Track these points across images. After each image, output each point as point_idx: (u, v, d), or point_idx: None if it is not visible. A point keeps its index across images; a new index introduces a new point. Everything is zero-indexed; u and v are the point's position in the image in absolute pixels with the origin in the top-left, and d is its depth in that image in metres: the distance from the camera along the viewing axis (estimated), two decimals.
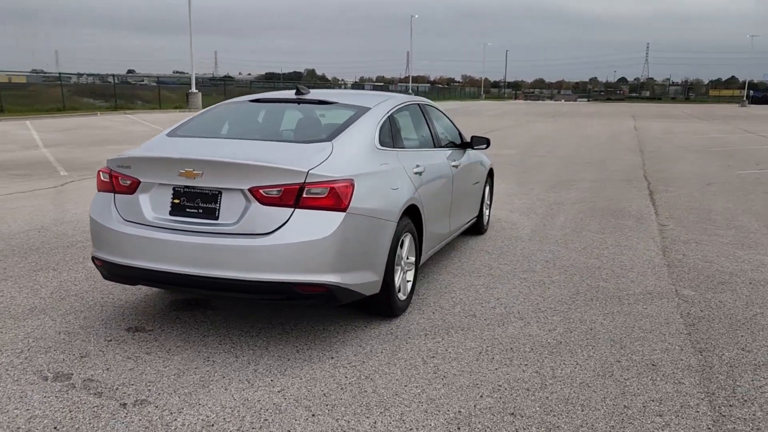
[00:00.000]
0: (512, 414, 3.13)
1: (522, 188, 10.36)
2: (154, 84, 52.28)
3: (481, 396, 3.30)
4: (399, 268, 4.38)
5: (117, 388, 3.31)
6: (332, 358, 3.74)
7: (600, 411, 3.18)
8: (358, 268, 3.82)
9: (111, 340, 3.94)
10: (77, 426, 2.95)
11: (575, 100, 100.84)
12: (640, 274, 5.60)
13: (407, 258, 4.51)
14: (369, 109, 4.57)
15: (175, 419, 3.01)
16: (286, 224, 3.57)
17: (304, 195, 3.59)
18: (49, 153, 14.55)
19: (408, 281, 4.59)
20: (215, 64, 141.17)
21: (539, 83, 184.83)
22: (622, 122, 33.14)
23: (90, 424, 2.97)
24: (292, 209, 3.59)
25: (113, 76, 49.56)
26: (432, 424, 3.01)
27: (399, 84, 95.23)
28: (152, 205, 3.84)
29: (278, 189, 3.58)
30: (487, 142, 6.29)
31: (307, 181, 3.59)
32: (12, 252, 5.93)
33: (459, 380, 3.48)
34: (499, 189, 10.13)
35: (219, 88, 52.52)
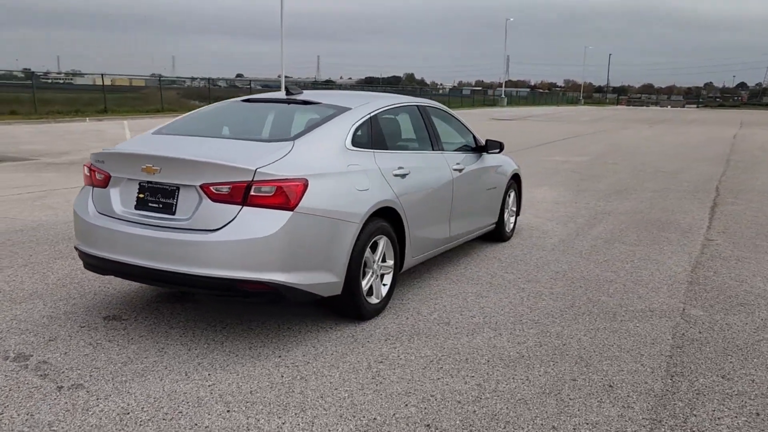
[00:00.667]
0: (427, 426, 3.02)
1: (574, 197, 9.96)
2: (259, 87, 54.45)
3: (406, 405, 3.21)
4: (370, 271, 4.33)
5: (63, 372, 3.48)
6: (279, 356, 3.76)
7: (522, 430, 3.00)
8: (310, 268, 3.81)
9: (84, 326, 4.15)
10: (7, 404, 3.12)
11: (683, 107, 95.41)
12: (653, 290, 5.24)
13: (381, 261, 4.45)
14: (348, 110, 4.55)
15: (97, 405, 3.13)
16: (233, 221, 3.63)
17: (252, 193, 3.63)
18: None
19: (384, 285, 4.53)
20: (317, 69, 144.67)
21: (647, 88, 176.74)
22: (724, 130, 31.08)
23: (20, 402, 3.14)
24: (240, 207, 3.64)
25: (223, 79, 51.85)
26: (339, 430, 2.96)
27: (497, 89, 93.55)
28: (121, 199, 4.01)
29: (227, 186, 3.64)
30: (500, 146, 6.12)
31: (255, 179, 3.63)
32: (46, 240, 6.35)
33: (393, 387, 3.40)
34: (547, 196, 9.80)
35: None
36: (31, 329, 4.09)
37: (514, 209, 7.05)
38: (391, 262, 4.56)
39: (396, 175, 4.58)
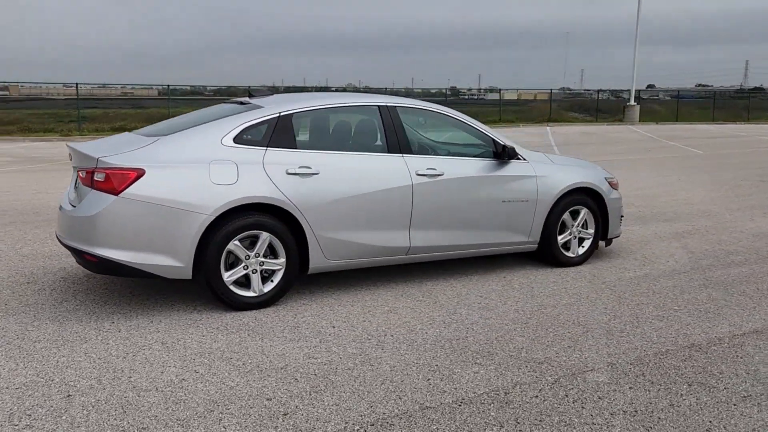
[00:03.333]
0: (69, 396, 3.23)
1: None
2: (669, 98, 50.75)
3: (101, 380, 3.43)
4: (243, 265, 4.47)
5: None
6: (119, 330, 4.25)
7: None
8: (146, 250, 4.23)
9: (30, 283, 5.29)
10: None
11: None
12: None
13: (265, 257, 4.53)
14: (258, 108, 4.77)
15: None
16: (83, 200, 4.32)
17: (95, 178, 4.25)
18: None
19: (272, 281, 4.59)
20: (744, 75, 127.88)
21: None
22: None
23: None
24: (90, 189, 4.29)
25: (625, 91, 49.96)
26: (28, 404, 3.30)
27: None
28: (72, 186, 4.99)
29: (84, 171, 4.35)
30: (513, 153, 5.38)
31: (96, 166, 4.25)
32: None
33: (148, 371, 3.59)
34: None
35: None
36: None
37: (590, 231, 5.91)
38: (280, 260, 4.58)
39: (292, 174, 4.59)
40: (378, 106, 5.17)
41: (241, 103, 5.17)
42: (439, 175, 5.12)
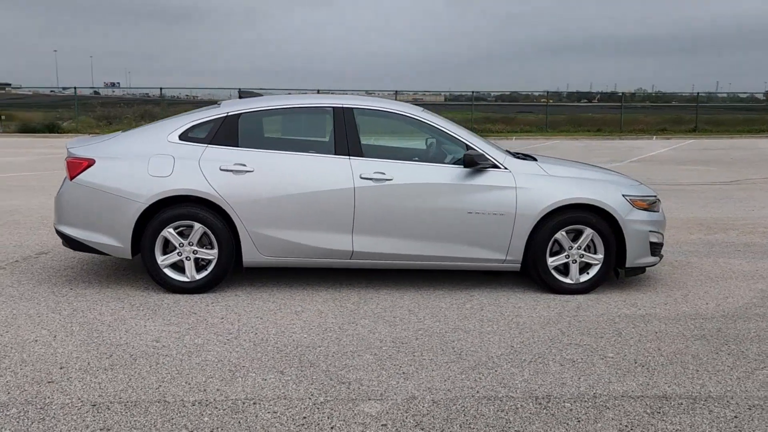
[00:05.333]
0: None
1: None
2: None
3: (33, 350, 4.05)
4: (177, 251, 4.87)
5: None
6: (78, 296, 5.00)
7: None
8: (93, 229, 4.88)
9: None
10: None
11: None
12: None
13: (190, 245, 4.86)
14: (214, 108, 5.12)
15: None
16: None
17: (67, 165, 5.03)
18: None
19: (205, 270, 4.90)
20: None
21: None
22: None
23: None
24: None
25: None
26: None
27: None
28: None
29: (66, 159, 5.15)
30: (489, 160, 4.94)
31: (67, 156, 5.02)
32: None
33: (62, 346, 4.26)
34: None
35: None
36: None
37: (598, 256, 5.05)
38: (213, 251, 4.87)
39: (225, 170, 4.83)
40: (333, 107, 5.12)
41: (218, 104, 5.57)
42: (387, 179, 4.89)
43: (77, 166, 4.91)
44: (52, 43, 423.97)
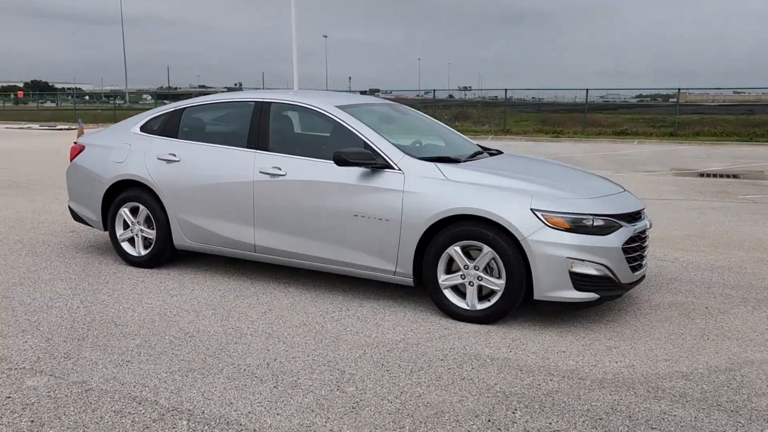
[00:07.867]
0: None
1: None
2: None
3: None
4: (130, 229, 5.52)
5: None
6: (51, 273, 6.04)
7: None
8: (82, 203, 5.81)
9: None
10: None
11: None
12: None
13: (138, 224, 5.44)
14: (175, 103, 5.58)
15: None
16: None
17: None
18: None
19: (147, 247, 5.45)
20: None
21: None
22: None
23: None
24: None
25: None
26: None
27: None
28: None
29: None
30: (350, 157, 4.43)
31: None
32: None
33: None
34: None
35: None
36: None
37: (500, 282, 4.16)
38: (153, 231, 5.39)
39: (160, 159, 5.28)
40: (255, 101, 5.15)
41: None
42: (281, 175, 4.78)
43: (76, 150, 5.90)
44: (416, 53, 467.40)
